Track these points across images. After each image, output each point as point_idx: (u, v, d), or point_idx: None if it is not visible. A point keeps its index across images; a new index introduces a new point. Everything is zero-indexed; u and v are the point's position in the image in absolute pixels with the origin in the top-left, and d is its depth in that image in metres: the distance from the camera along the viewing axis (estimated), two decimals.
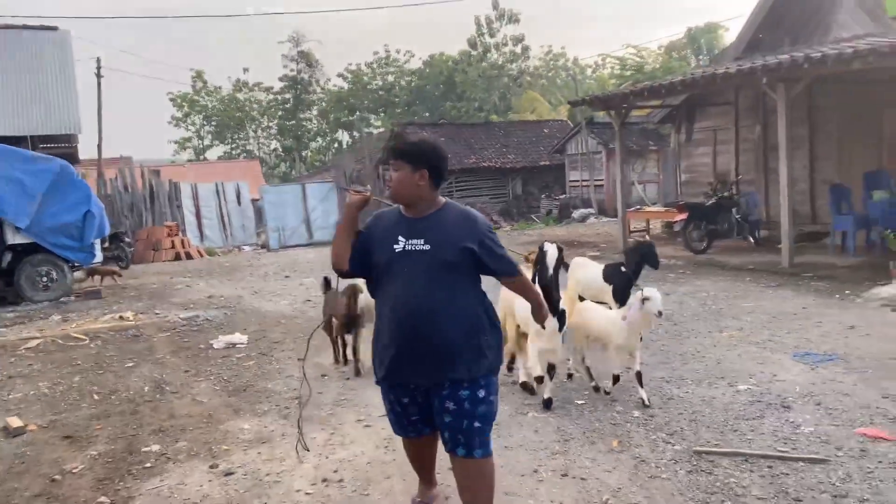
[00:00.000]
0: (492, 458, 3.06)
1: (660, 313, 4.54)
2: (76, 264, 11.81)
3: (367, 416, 4.81)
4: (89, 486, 3.99)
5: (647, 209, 16.19)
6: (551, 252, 4.52)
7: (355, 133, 54.39)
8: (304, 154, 49.97)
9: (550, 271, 4.47)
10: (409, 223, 3.02)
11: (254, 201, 24.18)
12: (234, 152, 50.81)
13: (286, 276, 13.25)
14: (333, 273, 3.25)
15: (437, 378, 2.95)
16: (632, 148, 21.70)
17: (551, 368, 4.79)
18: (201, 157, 49.19)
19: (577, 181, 24.71)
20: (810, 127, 12.90)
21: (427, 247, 2.95)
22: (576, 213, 22.51)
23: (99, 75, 27.21)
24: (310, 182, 24.66)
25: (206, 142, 51.70)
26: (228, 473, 4.02)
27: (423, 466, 3.40)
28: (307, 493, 3.70)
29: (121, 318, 9.31)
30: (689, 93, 13.75)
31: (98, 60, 27.33)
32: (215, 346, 7.43)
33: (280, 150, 51.52)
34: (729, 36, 43.63)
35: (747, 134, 14.50)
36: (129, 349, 7.56)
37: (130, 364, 6.87)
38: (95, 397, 5.77)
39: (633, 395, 4.78)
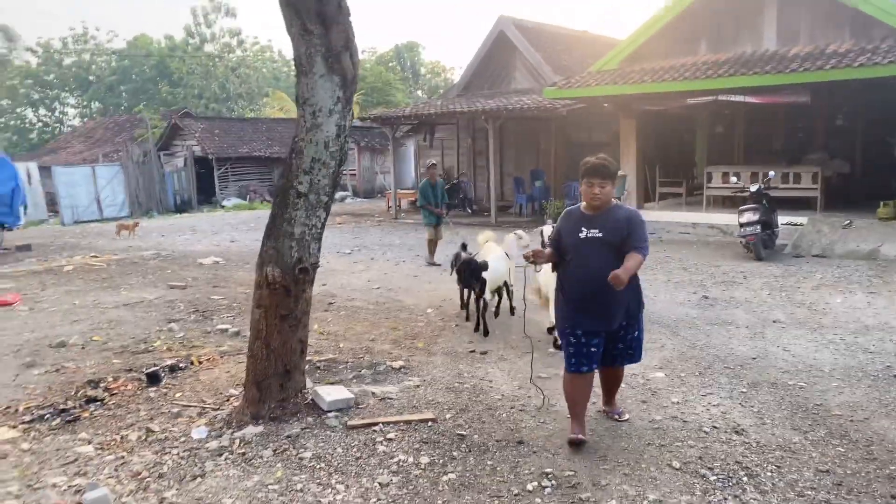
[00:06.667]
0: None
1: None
2: (6, 225, 15.15)
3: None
4: None
5: (403, 191, 23.54)
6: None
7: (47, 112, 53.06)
8: None
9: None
10: (589, 218, 4.07)
11: None
12: None
13: (162, 236, 17.70)
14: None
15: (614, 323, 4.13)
16: (376, 147, 28.98)
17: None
18: None
19: None
20: (500, 142, 21.31)
21: (600, 234, 4.01)
22: (336, 195, 29.00)
23: None
24: (99, 165, 27.32)
25: None
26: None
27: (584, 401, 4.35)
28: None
29: (93, 256, 13.60)
30: (434, 117, 21.34)
31: None
32: (204, 263, 12.59)
33: None
34: (426, 53, 53.82)
35: (463, 144, 22.63)
36: (153, 266, 12.27)
37: (184, 273, 11.80)
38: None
39: None
